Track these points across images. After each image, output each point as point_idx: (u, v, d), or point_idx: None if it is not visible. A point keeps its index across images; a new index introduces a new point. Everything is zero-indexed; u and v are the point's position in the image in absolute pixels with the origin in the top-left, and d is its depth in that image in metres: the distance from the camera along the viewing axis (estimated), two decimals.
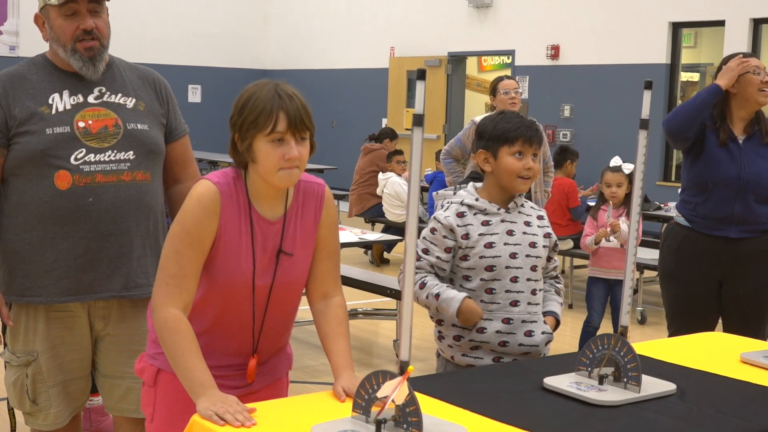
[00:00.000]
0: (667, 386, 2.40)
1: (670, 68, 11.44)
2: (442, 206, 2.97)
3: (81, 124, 2.87)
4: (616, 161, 5.95)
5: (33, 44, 16.60)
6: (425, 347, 6.30)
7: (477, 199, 2.93)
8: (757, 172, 3.94)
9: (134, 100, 3.00)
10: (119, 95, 2.98)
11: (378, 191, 9.67)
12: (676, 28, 11.50)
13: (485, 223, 2.89)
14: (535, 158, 2.88)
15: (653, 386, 2.38)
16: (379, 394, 1.97)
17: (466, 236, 2.87)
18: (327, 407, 2.20)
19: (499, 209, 2.91)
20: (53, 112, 2.87)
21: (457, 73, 14.11)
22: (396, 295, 6.11)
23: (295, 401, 2.28)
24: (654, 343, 2.94)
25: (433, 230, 2.92)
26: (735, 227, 3.96)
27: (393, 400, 1.94)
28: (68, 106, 2.89)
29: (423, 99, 1.93)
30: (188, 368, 2.23)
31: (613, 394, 2.32)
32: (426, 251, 2.91)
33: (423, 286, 2.88)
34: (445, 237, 2.89)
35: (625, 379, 2.37)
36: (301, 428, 2.02)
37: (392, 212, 9.47)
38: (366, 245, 8.99)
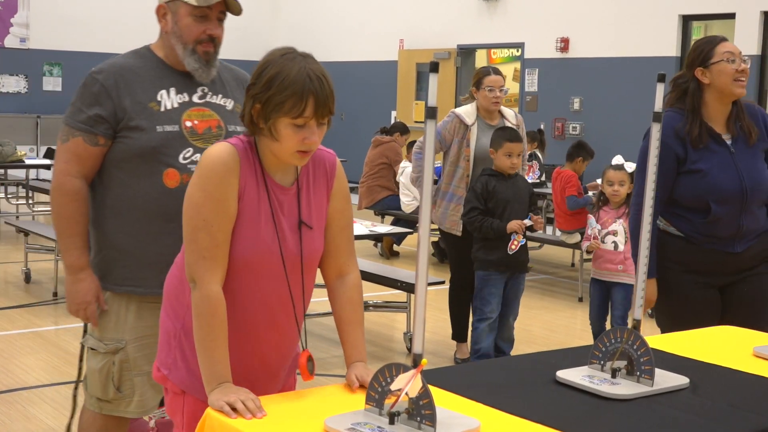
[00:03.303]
0: (680, 380, 2.39)
1: (680, 61, 11.39)
2: None
3: (188, 124, 2.90)
4: (618, 159, 5.90)
5: (43, 36, 16.63)
6: (437, 340, 6.30)
7: None
8: (755, 177, 3.59)
9: (232, 101, 3.04)
10: (220, 96, 3.01)
11: (397, 178, 9.69)
12: (686, 20, 11.46)
13: None
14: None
15: (666, 380, 2.37)
16: (393, 386, 1.98)
17: None
18: (340, 400, 2.20)
19: None
20: (162, 109, 2.90)
21: (467, 65, 14.08)
22: (407, 287, 6.12)
23: (307, 394, 2.28)
24: (667, 337, 2.94)
25: None
26: (740, 241, 3.61)
27: (407, 393, 1.95)
28: (176, 104, 2.92)
29: (435, 91, 1.93)
30: (213, 357, 2.20)
31: (626, 388, 2.31)
32: None
33: None
34: None
35: (638, 373, 2.36)
36: (314, 420, 2.02)
37: (402, 201, 9.49)
38: (376, 238, 8.98)
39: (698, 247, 3.60)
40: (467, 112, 5.76)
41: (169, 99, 2.92)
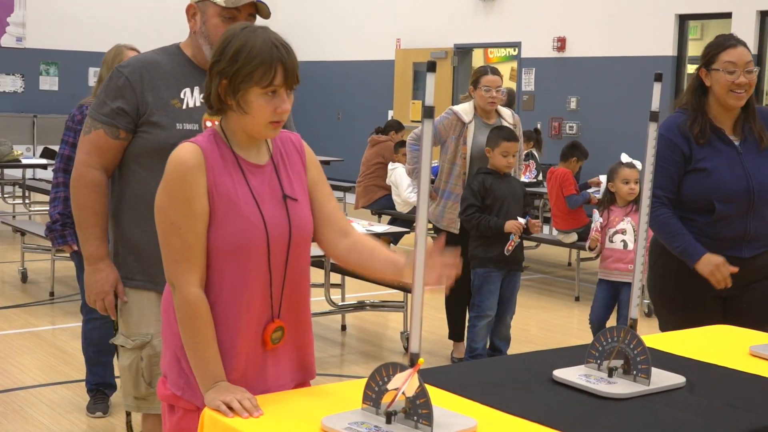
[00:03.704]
0: (676, 379, 2.39)
1: (676, 60, 11.40)
2: None
3: (208, 124, 2.87)
4: (626, 157, 5.83)
5: (40, 36, 16.62)
6: (433, 339, 6.31)
7: None
8: (762, 179, 3.48)
9: None
10: None
11: (386, 181, 9.68)
12: (683, 20, 11.47)
13: None
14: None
15: (663, 379, 2.38)
16: (390, 386, 1.98)
17: None
18: (337, 399, 2.20)
19: None
20: (184, 107, 2.89)
21: (464, 65, 14.08)
22: (403, 287, 6.11)
23: (304, 393, 2.28)
24: (663, 336, 2.94)
25: None
26: (747, 246, 3.49)
27: (403, 392, 1.95)
28: (197, 103, 2.90)
29: (432, 91, 1.93)
30: (204, 358, 2.20)
31: (622, 387, 2.32)
32: None
33: None
34: None
35: (635, 372, 2.36)
36: (311, 420, 2.02)
37: (395, 201, 9.49)
38: (373, 237, 8.98)
39: None
40: (465, 110, 5.78)
41: (192, 98, 2.91)
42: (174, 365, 2.31)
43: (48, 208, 4.75)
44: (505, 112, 5.91)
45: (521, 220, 5.34)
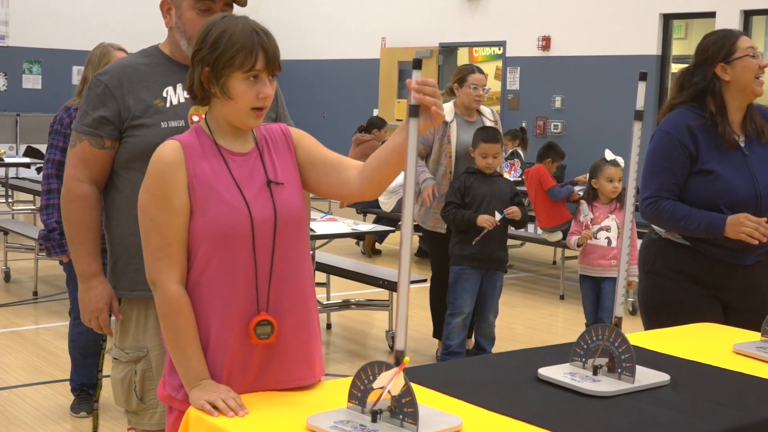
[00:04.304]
0: (661, 377, 2.40)
1: (661, 60, 11.45)
2: None
3: (195, 118, 2.82)
4: (610, 154, 5.85)
5: (23, 34, 16.51)
6: (418, 338, 6.31)
7: None
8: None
9: None
10: None
11: None
12: (667, 19, 11.51)
13: None
14: None
15: (647, 377, 2.38)
16: (375, 384, 1.98)
17: None
18: (322, 398, 2.20)
19: None
20: (168, 105, 2.84)
21: (449, 63, 14.10)
22: (389, 285, 6.12)
23: (290, 392, 2.27)
24: (648, 334, 2.95)
25: None
26: (750, 253, 3.35)
27: (389, 391, 1.95)
28: (182, 100, 2.84)
29: None
30: (186, 356, 2.18)
31: (607, 385, 2.32)
32: None
33: None
34: None
35: (620, 370, 2.37)
36: (297, 419, 2.02)
37: (380, 200, 9.48)
38: (358, 236, 8.99)
39: (704, 257, 3.37)
40: (445, 109, 5.80)
41: (175, 95, 2.86)
42: (170, 366, 2.30)
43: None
44: (486, 110, 5.99)
45: (497, 216, 5.35)
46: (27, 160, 10.39)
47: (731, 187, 3.31)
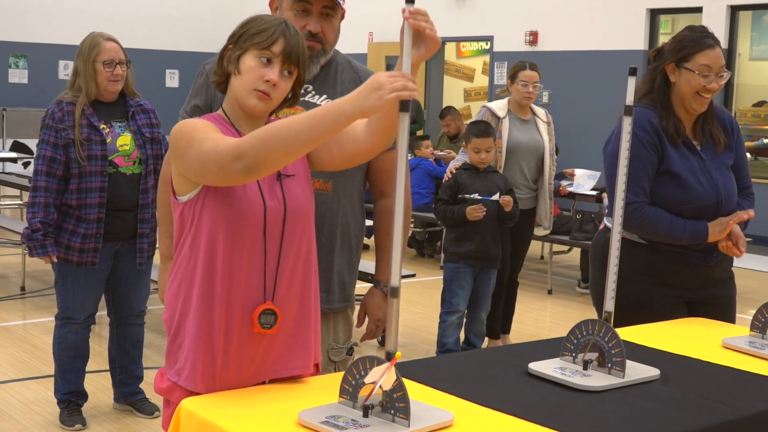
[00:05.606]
0: (650, 371, 2.41)
1: (647, 55, 11.47)
2: None
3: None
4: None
5: (9, 28, 16.42)
6: (407, 333, 6.32)
7: None
8: (727, 186, 3.31)
9: None
10: (323, 96, 2.88)
11: None
12: (654, 14, 11.55)
13: None
14: None
15: (637, 371, 2.40)
16: (367, 379, 1.98)
17: None
18: (313, 393, 2.20)
19: None
20: None
21: (436, 58, 14.10)
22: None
23: (282, 387, 2.27)
24: (637, 329, 2.96)
25: None
26: (711, 254, 3.33)
27: (380, 386, 1.95)
28: None
29: None
30: (326, 110, 2.05)
31: (597, 380, 2.33)
32: None
33: None
34: None
35: (610, 365, 2.38)
36: (288, 413, 2.02)
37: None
38: None
39: (664, 257, 3.31)
40: (499, 105, 5.87)
41: None
42: (168, 353, 2.29)
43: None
44: (539, 110, 6.03)
45: (495, 196, 5.36)
46: (13, 154, 10.33)
47: (695, 192, 3.25)
